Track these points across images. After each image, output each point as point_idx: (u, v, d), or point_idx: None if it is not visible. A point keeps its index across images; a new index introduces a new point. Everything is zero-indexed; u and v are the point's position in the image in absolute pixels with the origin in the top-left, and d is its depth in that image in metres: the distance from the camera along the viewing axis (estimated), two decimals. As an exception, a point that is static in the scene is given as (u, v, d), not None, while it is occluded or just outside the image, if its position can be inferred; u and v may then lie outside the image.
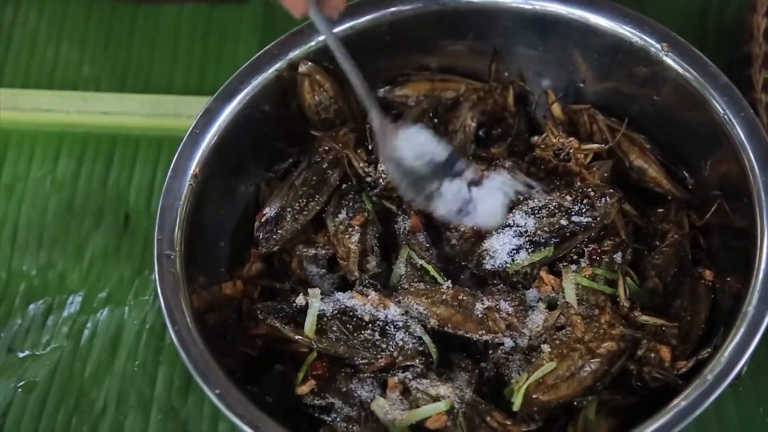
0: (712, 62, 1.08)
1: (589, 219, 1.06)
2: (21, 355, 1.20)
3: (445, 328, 1.03)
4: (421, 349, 1.03)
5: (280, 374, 1.06)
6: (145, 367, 1.19)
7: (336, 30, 1.12)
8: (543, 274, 1.05)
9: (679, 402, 0.93)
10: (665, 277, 1.07)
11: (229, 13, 1.44)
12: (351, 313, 1.04)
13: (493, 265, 1.06)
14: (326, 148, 1.14)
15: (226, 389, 0.97)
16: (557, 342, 1.01)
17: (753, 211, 1.01)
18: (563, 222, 1.06)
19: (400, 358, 1.02)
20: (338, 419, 1.02)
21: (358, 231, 1.09)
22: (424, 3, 1.15)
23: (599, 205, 1.07)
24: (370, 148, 1.14)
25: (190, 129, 1.10)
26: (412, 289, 1.05)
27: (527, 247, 1.06)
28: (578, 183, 1.10)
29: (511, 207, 1.08)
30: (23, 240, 1.29)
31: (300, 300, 1.05)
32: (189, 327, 1.00)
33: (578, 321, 1.01)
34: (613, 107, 1.16)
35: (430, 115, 1.17)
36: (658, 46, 1.10)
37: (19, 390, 1.18)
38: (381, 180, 1.11)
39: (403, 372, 1.02)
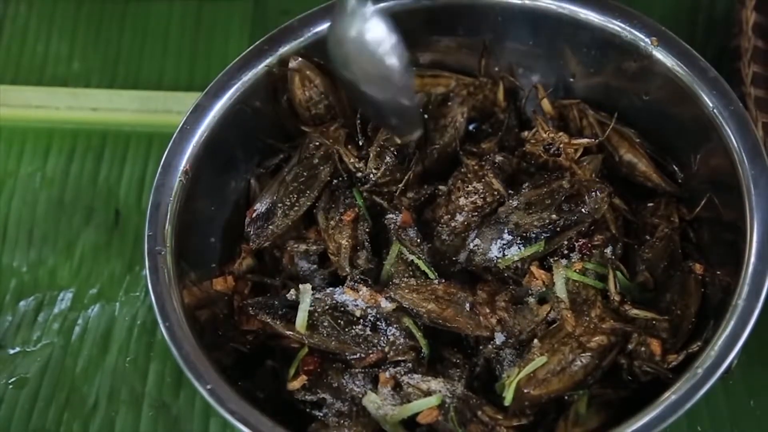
0: (702, 56, 1.08)
1: (580, 213, 1.07)
2: (12, 351, 1.20)
3: (436, 323, 1.04)
4: (412, 344, 1.03)
5: (271, 370, 1.06)
6: (137, 363, 1.19)
7: (325, 26, 1.12)
8: (534, 268, 1.05)
9: (670, 395, 0.93)
10: (655, 271, 1.07)
11: (219, 9, 1.44)
12: (342, 309, 1.04)
13: (483, 260, 1.06)
14: (317, 143, 1.14)
15: (217, 385, 0.97)
16: (548, 336, 1.01)
17: (742, 204, 1.02)
18: (554, 217, 1.06)
19: (391, 353, 1.02)
20: (330, 414, 1.02)
21: (349, 226, 1.09)
22: (414, -1, 1.15)
23: (589, 199, 1.07)
24: (360, 143, 1.14)
25: (181, 125, 1.10)
26: (403, 285, 1.05)
27: (518, 242, 1.06)
28: (568, 178, 1.10)
29: (502, 202, 1.09)
30: (13, 236, 1.29)
31: (291, 295, 1.05)
32: (180, 323, 1.00)
33: (569, 315, 1.01)
34: (602, 102, 1.17)
35: (421, 110, 1.17)
36: (647, 40, 1.10)
37: (10, 386, 1.18)
38: (371, 175, 1.11)
39: (394, 367, 1.02)
